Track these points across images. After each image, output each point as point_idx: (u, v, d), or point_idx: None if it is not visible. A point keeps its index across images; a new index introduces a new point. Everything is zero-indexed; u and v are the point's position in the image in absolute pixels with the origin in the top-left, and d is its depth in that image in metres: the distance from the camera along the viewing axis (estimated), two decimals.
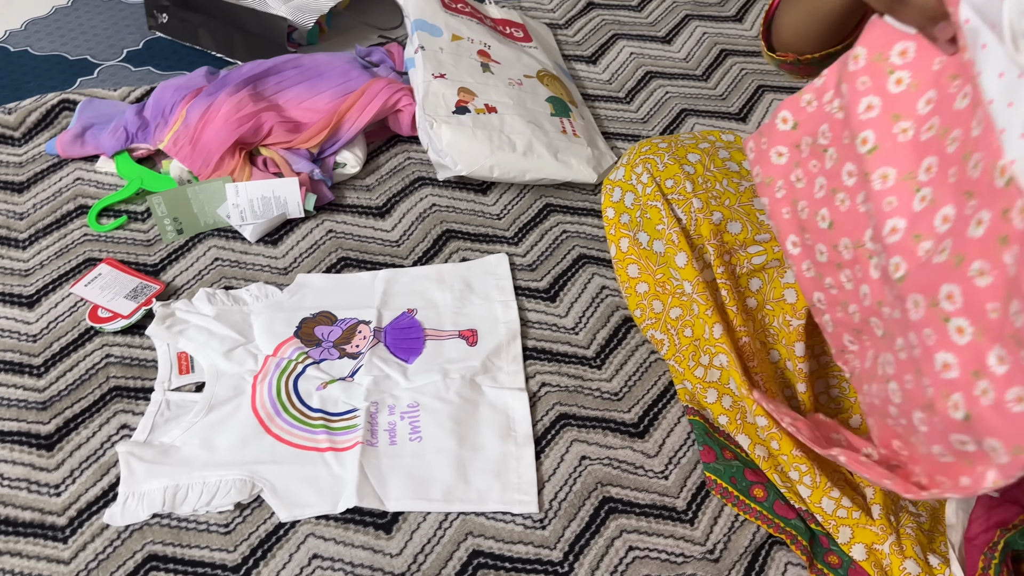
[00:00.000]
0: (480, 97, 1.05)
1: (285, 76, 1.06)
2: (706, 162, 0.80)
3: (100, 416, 0.80)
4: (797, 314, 0.77)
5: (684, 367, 0.82)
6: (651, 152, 0.81)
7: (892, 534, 0.70)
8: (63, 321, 0.88)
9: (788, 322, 0.77)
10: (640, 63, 1.26)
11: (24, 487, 0.75)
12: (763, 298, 0.78)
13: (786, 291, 0.77)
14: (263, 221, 0.96)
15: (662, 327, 0.85)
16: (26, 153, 1.06)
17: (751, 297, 0.79)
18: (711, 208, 0.78)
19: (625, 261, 0.82)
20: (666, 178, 0.79)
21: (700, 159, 0.80)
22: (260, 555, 0.71)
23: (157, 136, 1.01)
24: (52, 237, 0.96)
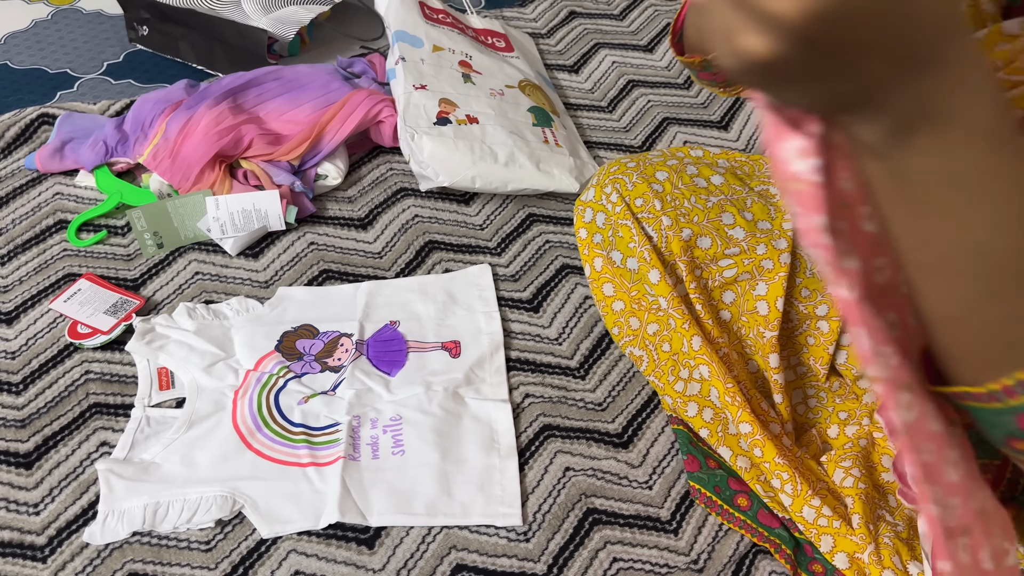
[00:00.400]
0: (461, 108, 1.05)
1: (265, 88, 1.06)
2: (674, 179, 0.81)
3: (80, 433, 0.79)
4: (770, 326, 0.77)
5: (664, 382, 0.83)
6: (620, 172, 0.82)
7: (871, 543, 0.70)
8: (42, 338, 0.87)
9: (762, 334, 0.78)
10: (622, 72, 1.26)
11: (2, 506, 0.74)
12: (737, 310, 0.79)
13: (758, 303, 0.78)
14: (244, 234, 0.95)
15: (640, 343, 0.85)
16: (5, 168, 1.05)
17: (725, 310, 0.80)
18: (680, 225, 0.79)
19: (600, 280, 0.83)
20: (635, 197, 0.80)
21: (668, 176, 0.81)
22: (242, 572, 0.70)
23: (137, 150, 1.01)
24: (31, 253, 0.95)
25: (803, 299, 0.81)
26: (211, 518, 0.73)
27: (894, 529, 0.72)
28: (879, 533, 0.72)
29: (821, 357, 0.81)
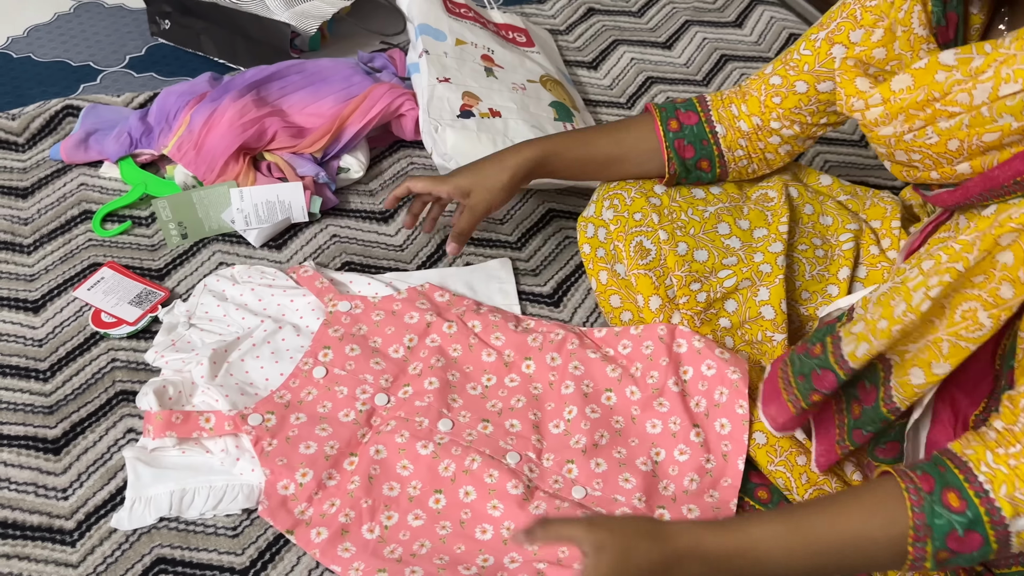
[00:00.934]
0: (484, 101, 1.06)
1: (288, 81, 1.07)
2: (672, 192, 0.84)
3: (107, 420, 0.80)
4: (778, 329, 0.79)
5: None
6: (619, 187, 0.86)
7: None
8: (69, 326, 0.88)
9: (770, 338, 0.79)
10: (641, 68, 1.27)
11: (31, 491, 0.75)
12: (739, 318, 0.81)
13: (762, 308, 0.80)
14: (268, 226, 0.96)
15: None
16: (30, 159, 1.06)
17: (725, 317, 0.81)
18: (676, 239, 0.81)
19: (607, 293, 0.86)
20: (634, 211, 0.83)
21: (666, 190, 0.84)
22: (268, 558, 0.71)
23: (161, 141, 1.02)
24: (57, 242, 0.96)
25: (803, 302, 0.82)
26: (237, 507, 0.73)
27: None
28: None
29: None
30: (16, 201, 1.01)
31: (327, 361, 0.81)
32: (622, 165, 0.85)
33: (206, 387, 0.78)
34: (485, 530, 0.70)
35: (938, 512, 0.54)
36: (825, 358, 0.67)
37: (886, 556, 0.56)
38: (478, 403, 0.80)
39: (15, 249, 0.95)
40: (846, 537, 0.56)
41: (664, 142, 0.82)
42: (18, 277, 0.93)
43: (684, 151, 0.82)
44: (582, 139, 0.86)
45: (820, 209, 0.85)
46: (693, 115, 0.83)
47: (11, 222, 0.98)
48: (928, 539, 0.54)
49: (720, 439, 0.76)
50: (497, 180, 0.83)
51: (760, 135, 0.81)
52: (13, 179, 1.03)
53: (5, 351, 0.85)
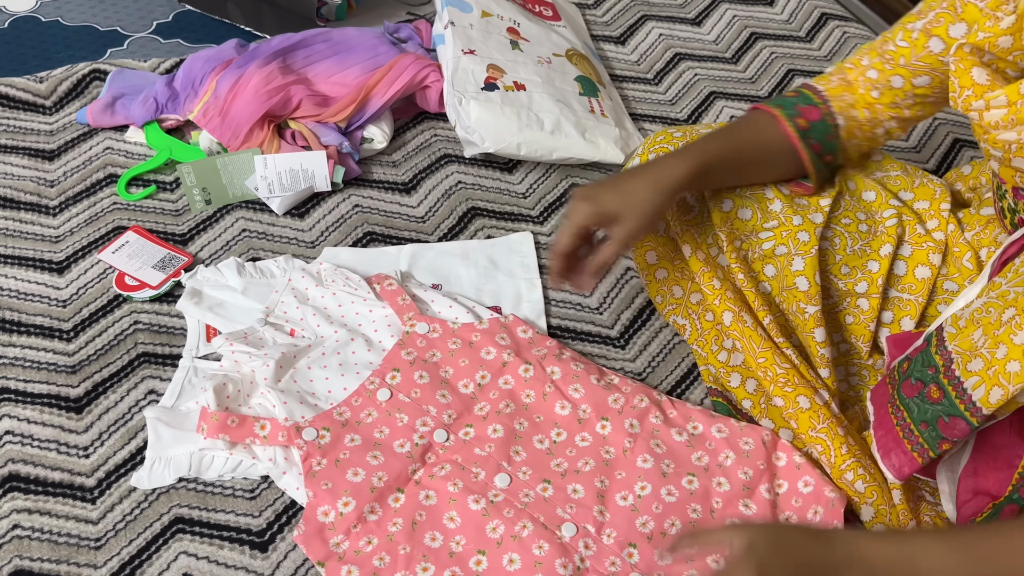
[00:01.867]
0: (509, 74, 1.05)
1: (314, 50, 1.06)
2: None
3: (128, 381, 0.81)
4: (811, 300, 0.77)
5: (707, 351, 0.82)
6: (666, 141, 0.82)
7: (911, 521, 0.69)
8: (92, 287, 0.89)
9: (803, 309, 0.77)
10: (669, 45, 1.25)
11: (53, 448, 0.76)
12: (778, 285, 0.78)
13: (797, 279, 0.77)
14: (291, 194, 0.96)
15: (683, 312, 0.85)
16: (57, 122, 1.07)
17: (766, 282, 0.79)
18: (721, 196, 0.79)
19: (643, 248, 0.83)
20: None
21: None
22: (286, 520, 0.72)
23: (187, 107, 1.02)
24: (82, 205, 0.97)
25: (843, 276, 0.80)
26: (256, 473, 0.74)
27: (935, 509, 0.72)
28: (920, 512, 0.72)
29: (863, 335, 0.80)
30: (43, 163, 1.01)
31: (394, 384, 0.77)
32: (758, 169, 0.79)
33: (267, 390, 0.75)
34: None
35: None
36: (951, 405, 0.60)
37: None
38: (542, 459, 0.74)
39: (41, 210, 0.96)
40: (1019, 561, 0.51)
41: (800, 145, 0.77)
42: (44, 238, 0.93)
43: (815, 147, 0.79)
44: (727, 144, 0.77)
45: (863, 185, 0.83)
46: (814, 110, 0.78)
47: (37, 184, 0.99)
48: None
49: None
50: (651, 203, 0.71)
51: (871, 126, 0.79)
52: (40, 141, 1.04)
53: (30, 310, 0.86)
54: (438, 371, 0.79)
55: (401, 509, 0.70)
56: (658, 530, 0.70)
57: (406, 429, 0.74)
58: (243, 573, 0.69)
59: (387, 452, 0.73)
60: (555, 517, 0.70)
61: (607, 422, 0.76)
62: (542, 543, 0.67)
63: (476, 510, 0.69)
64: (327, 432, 0.73)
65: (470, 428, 0.75)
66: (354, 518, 0.69)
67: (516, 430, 0.75)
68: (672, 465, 0.73)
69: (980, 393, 0.57)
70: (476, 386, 0.78)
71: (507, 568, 0.66)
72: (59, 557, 0.69)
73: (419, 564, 0.67)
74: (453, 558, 0.68)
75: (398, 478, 0.71)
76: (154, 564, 0.69)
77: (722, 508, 0.72)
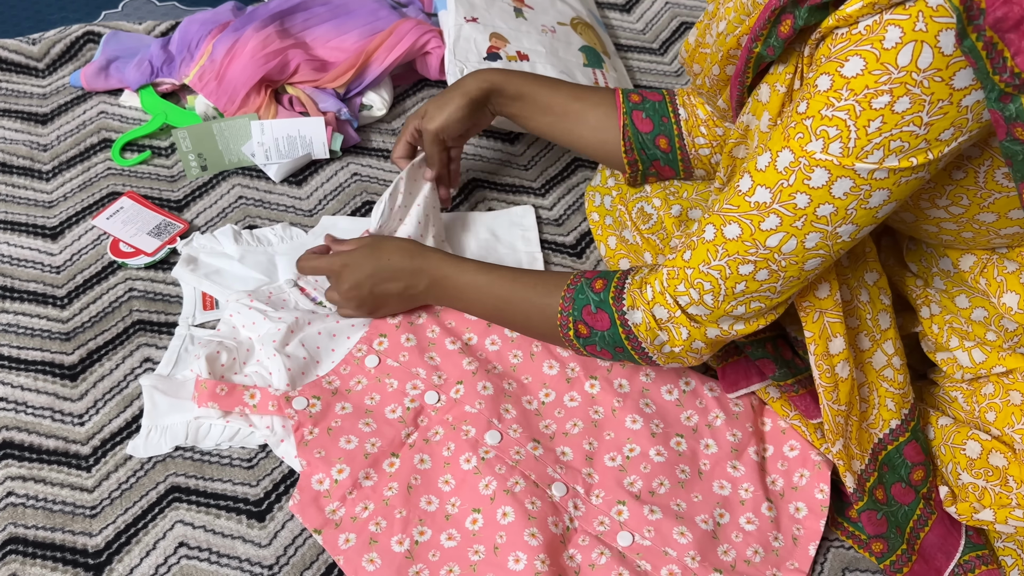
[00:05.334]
0: (512, 44, 1.03)
1: (313, 13, 1.04)
2: None
3: (123, 348, 0.80)
4: None
5: None
6: (606, 181, 0.88)
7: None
8: (86, 254, 0.87)
9: None
10: (675, 13, 1.22)
11: (48, 415, 0.75)
12: None
13: None
14: (288, 161, 0.94)
15: None
16: (50, 85, 1.04)
17: None
18: (669, 203, 0.83)
19: (615, 257, 0.86)
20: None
21: None
22: (283, 490, 0.71)
23: (182, 71, 1.00)
24: (76, 170, 0.95)
25: None
26: (254, 442, 0.73)
27: None
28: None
29: None
30: (35, 127, 0.99)
31: (381, 350, 0.77)
32: (577, 125, 0.83)
33: (275, 353, 0.74)
34: (519, 559, 0.65)
35: (583, 289, 0.68)
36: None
37: (540, 318, 0.70)
38: (531, 420, 0.74)
39: (34, 175, 0.94)
40: (516, 295, 0.72)
41: (622, 108, 0.81)
42: (36, 203, 0.92)
43: (642, 124, 0.81)
44: (546, 82, 0.84)
45: None
46: (657, 95, 0.81)
47: (30, 147, 0.97)
48: (571, 309, 0.67)
49: (793, 522, 0.70)
50: (450, 99, 0.82)
51: (716, 121, 0.78)
52: (33, 104, 1.02)
53: (23, 276, 0.85)
54: (425, 332, 0.79)
55: (396, 473, 0.70)
56: (646, 489, 0.70)
57: (396, 394, 0.75)
58: (240, 543, 0.68)
59: (379, 419, 0.73)
60: (545, 476, 0.70)
61: (596, 381, 0.76)
62: (534, 499, 0.68)
63: (468, 469, 0.70)
64: (317, 401, 0.73)
65: (460, 386, 0.75)
66: (349, 484, 0.69)
67: (505, 390, 0.76)
68: (661, 425, 0.74)
69: None
70: (464, 345, 0.78)
71: (501, 522, 0.67)
72: (54, 525, 0.68)
73: (415, 527, 0.67)
74: (449, 520, 0.68)
75: (391, 443, 0.71)
76: (150, 533, 0.68)
77: (710, 469, 0.73)
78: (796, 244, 0.57)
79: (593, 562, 0.66)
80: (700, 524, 0.69)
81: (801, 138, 0.54)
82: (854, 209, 0.55)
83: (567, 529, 0.68)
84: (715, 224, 0.60)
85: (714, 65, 0.66)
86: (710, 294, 0.61)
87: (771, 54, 0.58)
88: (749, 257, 0.58)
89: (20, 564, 0.66)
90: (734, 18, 0.62)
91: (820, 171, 0.54)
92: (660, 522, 0.68)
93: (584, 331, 0.67)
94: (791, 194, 0.55)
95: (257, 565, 0.67)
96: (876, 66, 0.50)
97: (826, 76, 0.52)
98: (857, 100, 0.51)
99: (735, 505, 0.71)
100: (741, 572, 0.67)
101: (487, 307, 0.74)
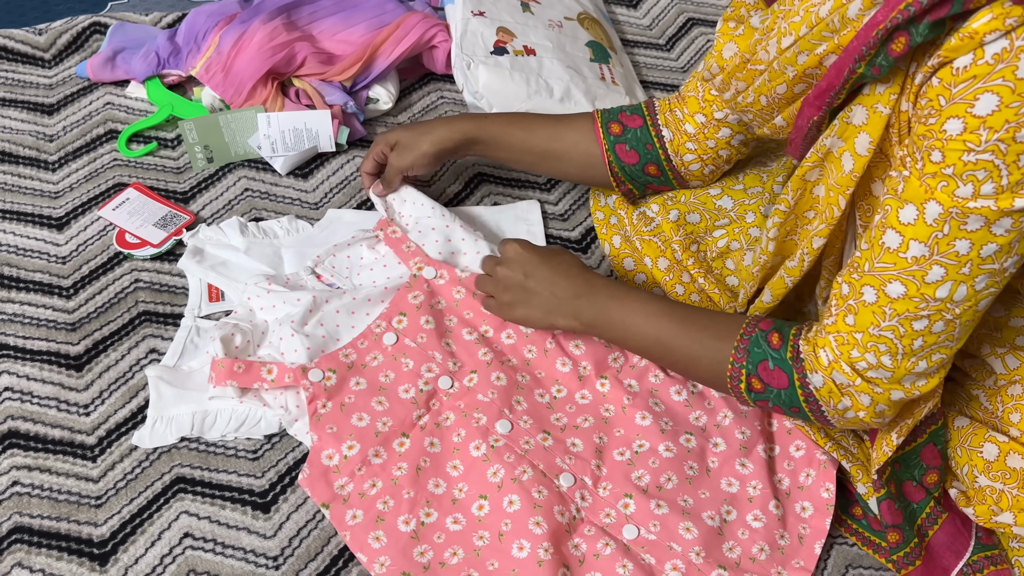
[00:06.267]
0: (519, 38, 1.03)
1: (320, 6, 1.04)
2: None
3: (129, 339, 0.80)
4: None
5: None
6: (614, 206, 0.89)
7: None
8: (92, 244, 0.87)
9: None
10: (682, 9, 1.22)
11: (54, 405, 0.75)
12: (739, 277, 0.81)
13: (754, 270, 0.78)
14: (294, 153, 0.94)
15: None
16: (56, 75, 1.04)
17: (730, 275, 0.82)
18: (667, 207, 0.83)
19: (619, 256, 0.87)
20: None
21: None
22: (288, 482, 0.71)
23: (189, 62, 1.00)
24: (82, 160, 0.95)
25: None
26: (259, 432, 0.73)
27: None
28: None
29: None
30: (42, 117, 0.99)
31: (400, 329, 0.77)
32: (561, 163, 0.84)
33: (292, 332, 0.74)
34: (523, 547, 0.65)
35: (759, 342, 0.64)
36: None
37: (708, 363, 0.67)
38: (542, 412, 0.74)
39: (40, 165, 0.95)
40: (685, 335, 0.68)
41: (604, 145, 0.80)
42: (43, 193, 0.92)
43: (626, 156, 0.80)
44: (522, 125, 0.84)
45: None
46: (638, 118, 0.80)
47: (36, 138, 0.97)
48: (744, 361, 0.64)
49: (799, 521, 0.70)
50: (420, 144, 0.82)
51: (708, 132, 0.78)
52: (39, 95, 1.02)
53: (29, 266, 0.85)
54: (443, 319, 0.79)
55: (406, 454, 0.70)
56: (654, 483, 0.70)
57: (411, 375, 0.75)
58: (245, 534, 0.68)
59: (392, 398, 0.73)
60: (554, 466, 0.71)
61: (606, 380, 0.76)
62: (541, 488, 0.68)
63: (477, 456, 0.70)
64: (333, 374, 0.73)
65: (474, 375, 0.75)
66: (359, 460, 0.69)
67: (518, 382, 0.76)
68: (670, 423, 0.74)
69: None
70: (480, 335, 0.78)
71: (507, 510, 0.67)
72: (59, 514, 0.69)
73: (422, 509, 0.68)
74: (456, 504, 0.68)
75: (403, 423, 0.72)
76: (155, 523, 0.69)
77: (718, 467, 0.73)
78: (967, 290, 0.55)
79: (598, 552, 0.67)
80: (707, 520, 0.69)
81: (946, 187, 0.52)
82: (1018, 241, 0.53)
83: (573, 519, 0.68)
84: (873, 286, 0.58)
85: (779, 84, 0.63)
86: (887, 355, 0.58)
87: (876, 74, 0.55)
88: (921, 313, 0.56)
89: (25, 553, 0.66)
90: (808, 34, 0.59)
91: (975, 216, 0.52)
92: (666, 517, 0.68)
93: (758, 386, 0.64)
94: (950, 243, 0.54)
95: (262, 556, 0.67)
96: (1013, 98, 0.49)
97: (955, 120, 0.51)
98: (1000, 139, 0.49)
99: (743, 502, 0.71)
100: (746, 569, 0.67)
101: (649, 339, 0.69)
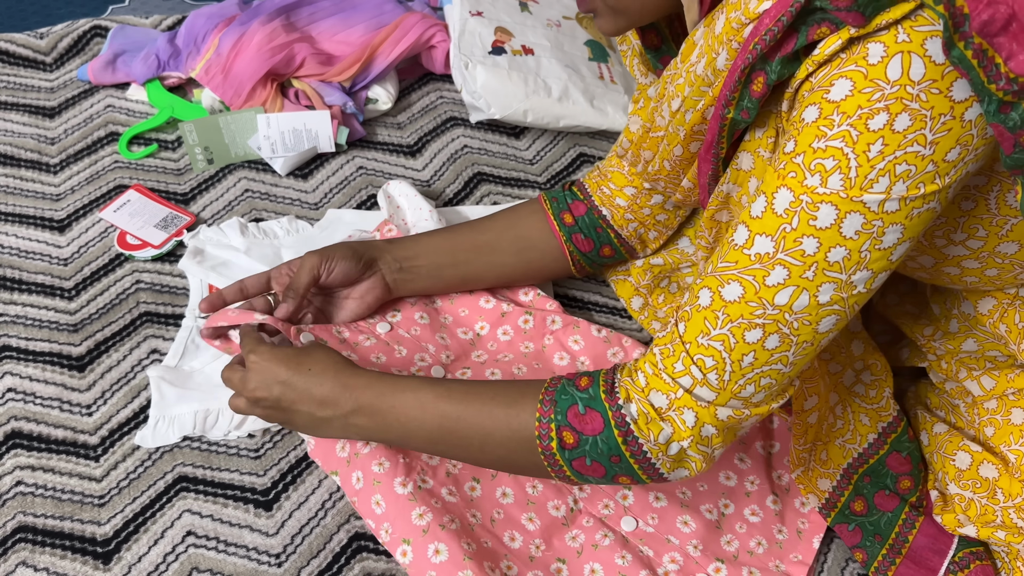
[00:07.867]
0: (517, 38, 1.03)
1: (319, 7, 1.04)
2: None
3: (131, 340, 0.80)
4: None
5: None
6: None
7: None
8: (94, 246, 0.88)
9: None
10: None
11: (56, 406, 0.75)
12: None
13: None
14: (294, 154, 0.95)
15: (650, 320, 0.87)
16: (58, 79, 1.05)
17: None
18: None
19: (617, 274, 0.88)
20: None
21: None
22: (290, 480, 0.72)
23: (189, 64, 1.00)
24: (83, 163, 0.96)
25: None
26: (261, 426, 0.74)
27: None
28: None
29: None
30: (43, 120, 1.00)
31: (394, 321, 0.77)
32: (494, 255, 0.78)
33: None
34: (514, 537, 0.66)
35: (566, 389, 0.56)
36: None
37: (504, 433, 0.57)
38: None
39: (42, 168, 0.95)
40: (471, 408, 0.58)
41: (562, 237, 0.78)
42: (44, 196, 0.92)
43: (583, 244, 0.79)
44: (470, 237, 0.78)
45: None
46: (581, 205, 0.79)
47: (38, 141, 0.98)
48: (552, 414, 0.56)
49: (798, 516, 0.71)
50: (332, 254, 0.73)
51: (640, 201, 0.78)
52: (41, 98, 1.02)
53: (31, 268, 0.85)
54: (438, 316, 0.79)
55: None
56: None
57: (404, 361, 0.74)
58: (247, 532, 0.69)
59: None
60: None
61: None
62: (536, 483, 0.68)
63: None
64: (324, 344, 0.72)
65: (467, 370, 0.75)
66: None
67: (515, 374, 0.76)
68: None
69: None
70: (475, 335, 0.78)
71: (500, 501, 0.68)
72: (62, 514, 0.69)
73: (418, 475, 0.67)
74: (450, 478, 0.68)
75: None
76: (158, 522, 0.69)
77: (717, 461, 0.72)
78: (808, 299, 0.50)
79: (596, 543, 0.67)
80: (704, 513, 0.69)
81: (795, 176, 0.48)
82: (868, 251, 0.49)
83: (571, 511, 0.69)
84: (710, 287, 0.52)
85: (675, 146, 0.64)
86: (714, 371, 0.52)
87: (746, 117, 0.53)
88: (756, 320, 0.51)
89: (29, 552, 0.67)
90: (691, 93, 0.59)
91: (826, 207, 0.48)
92: (664, 509, 0.69)
93: (571, 440, 0.55)
94: (796, 239, 0.49)
95: (264, 554, 0.68)
96: (866, 83, 0.45)
97: (812, 107, 0.48)
98: (851, 124, 0.46)
99: (740, 496, 0.71)
100: (744, 563, 0.67)
101: (431, 428, 0.59)
